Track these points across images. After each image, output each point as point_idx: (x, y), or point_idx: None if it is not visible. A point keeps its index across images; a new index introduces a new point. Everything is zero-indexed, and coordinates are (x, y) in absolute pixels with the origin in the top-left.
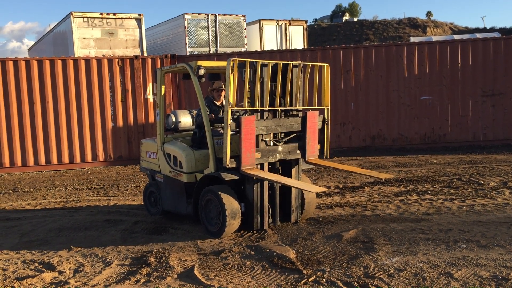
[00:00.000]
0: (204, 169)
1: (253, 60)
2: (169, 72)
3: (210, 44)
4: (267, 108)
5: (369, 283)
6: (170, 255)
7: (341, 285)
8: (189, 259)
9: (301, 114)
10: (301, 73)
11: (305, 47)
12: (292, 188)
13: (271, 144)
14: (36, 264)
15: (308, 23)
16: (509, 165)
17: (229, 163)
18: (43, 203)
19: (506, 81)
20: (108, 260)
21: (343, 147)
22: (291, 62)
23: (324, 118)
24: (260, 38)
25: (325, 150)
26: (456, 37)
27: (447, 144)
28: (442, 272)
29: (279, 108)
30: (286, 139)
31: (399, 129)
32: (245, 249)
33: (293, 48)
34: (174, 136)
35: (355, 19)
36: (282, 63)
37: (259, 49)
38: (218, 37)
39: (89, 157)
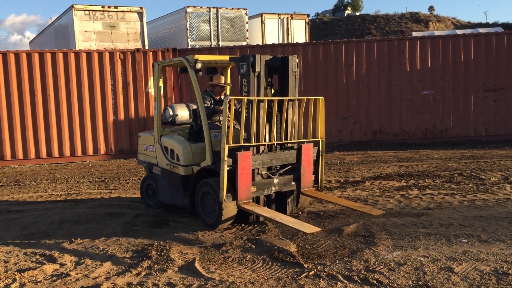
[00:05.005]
0: (200, 162)
1: (250, 97)
2: (166, 65)
3: (212, 37)
4: (263, 143)
5: (370, 277)
6: (171, 248)
7: (342, 278)
8: (190, 252)
9: (296, 146)
10: (297, 106)
11: (307, 41)
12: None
13: (266, 177)
14: (38, 257)
15: (310, 17)
16: (510, 160)
17: (225, 197)
18: (44, 195)
19: (508, 76)
20: (109, 252)
21: (344, 141)
22: (287, 98)
23: (318, 149)
24: (262, 32)
25: (319, 181)
26: (459, 31)
27: (449, 139)
28: (442, 266)
29: (275, 143)
30: (281, 171)
31: (401, 124)
32: (245, 243)
33: (295, 42)
34: (172, 129)
35: (357, 14)
36: (278, 99)
37: (261, 43)
38: (219, 30)
39: (90, 150)
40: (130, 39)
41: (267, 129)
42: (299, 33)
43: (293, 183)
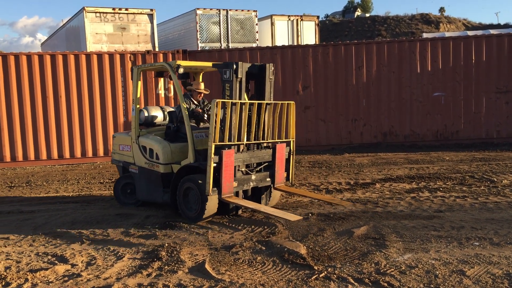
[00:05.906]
0: (179, 160)
1: (234, 101)
2: (146, 70)
3: (222, 39)
4: (245, 142)
5: (381, 279)
6: (181, 249)
7: (352, 281)
8: (200, 253)
9: (271, 146)
10: (272, 109)
11: (317, 43)
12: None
13: (245, 173)
14: (49, 257)
15: (320, 19)
16: None
17: (211, 192)
18: (55, 196)
19: None
20: (120, 253)
21: (354, 143)
22: (264, 102)
23: (290, 149)
24: (272, 33)
25: (290, 177)
26: (470, 33)
27: (460, 141)
28: (454, 269)
29: (254, 142)
30: (258, 168)
31: (411, 126)
32: (255, 244)
33: (304, 44)
34: (148, 130)
35: (367, 15)
36: (257, 102)
37: (270, 45)
38: (229, 32)
39: (101, 152)
40: (141, 41)
41: (247, 129)
42: (309, 35)
43: (268, 179)
